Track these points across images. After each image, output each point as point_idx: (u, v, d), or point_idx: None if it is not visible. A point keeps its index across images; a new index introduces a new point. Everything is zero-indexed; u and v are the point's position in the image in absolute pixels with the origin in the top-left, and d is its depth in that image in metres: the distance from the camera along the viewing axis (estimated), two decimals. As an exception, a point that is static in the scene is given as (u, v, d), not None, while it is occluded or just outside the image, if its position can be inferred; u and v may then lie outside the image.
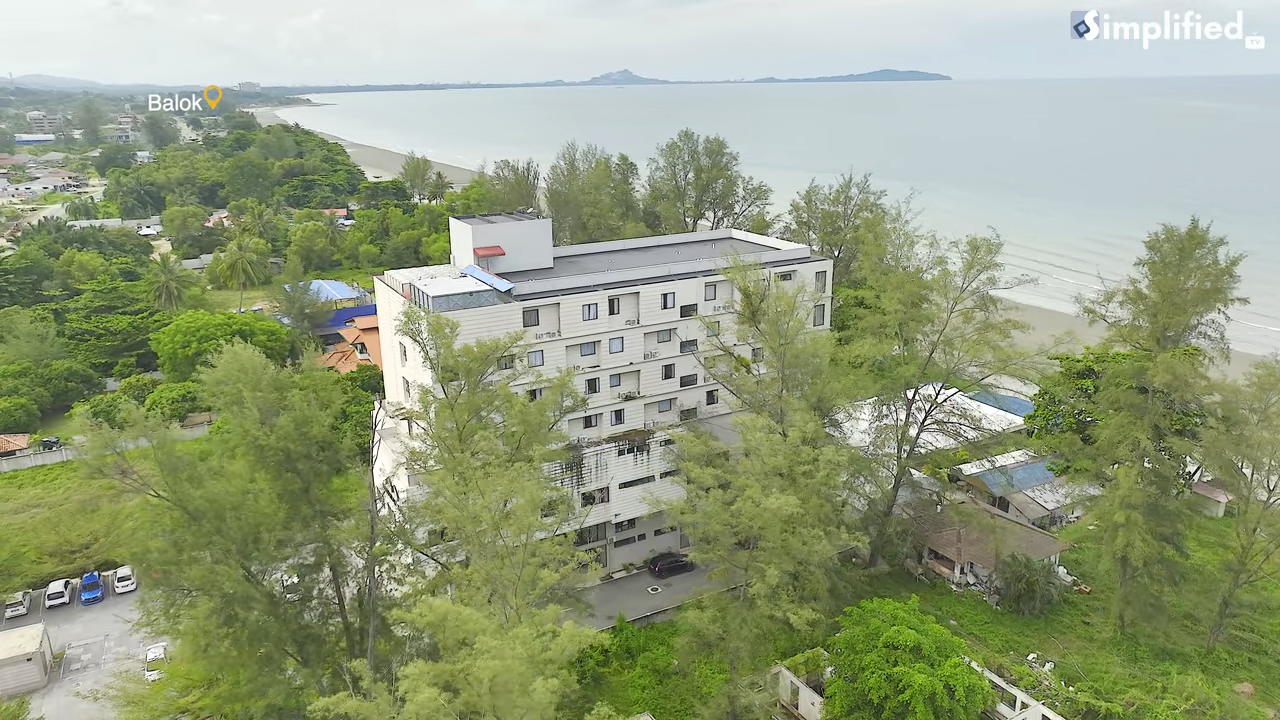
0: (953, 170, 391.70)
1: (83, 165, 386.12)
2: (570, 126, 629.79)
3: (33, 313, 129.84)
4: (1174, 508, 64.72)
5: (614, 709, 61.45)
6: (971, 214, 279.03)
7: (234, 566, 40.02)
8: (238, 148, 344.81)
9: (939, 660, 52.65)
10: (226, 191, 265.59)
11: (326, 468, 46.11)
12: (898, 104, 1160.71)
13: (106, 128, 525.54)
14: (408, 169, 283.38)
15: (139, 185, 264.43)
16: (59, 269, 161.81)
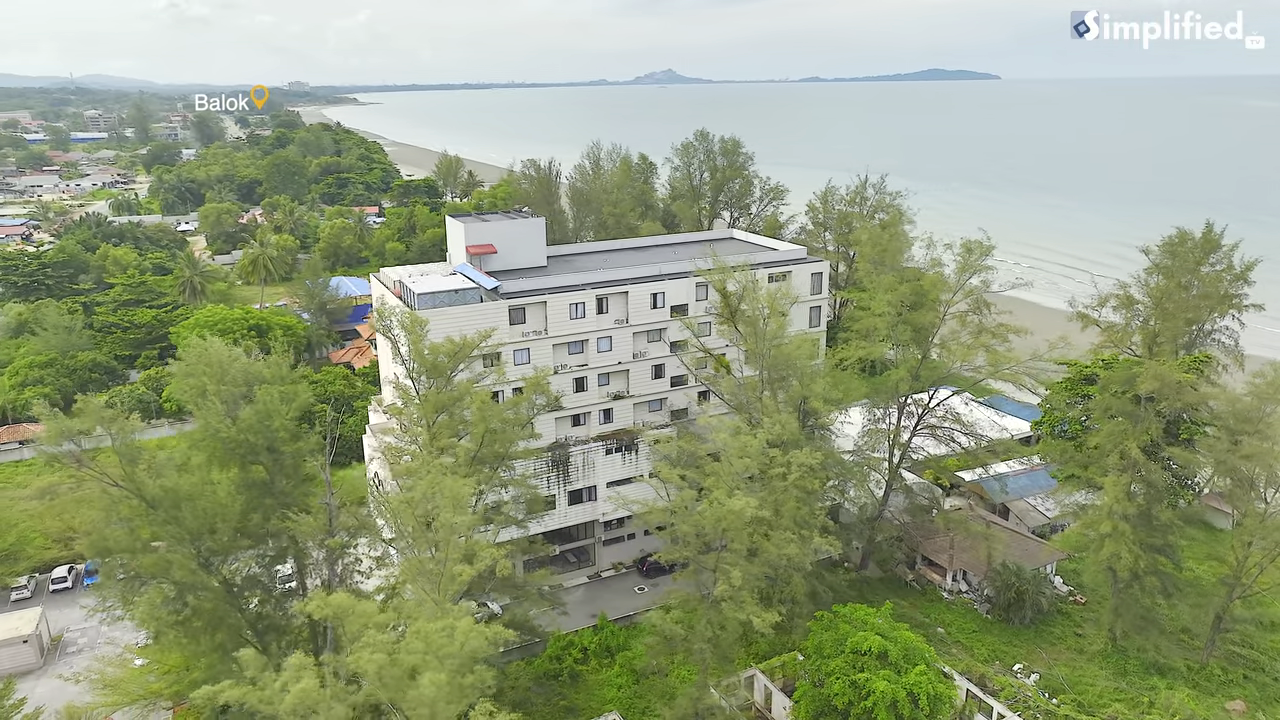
0: (986, 171, 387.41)
1: (131, 163, 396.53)
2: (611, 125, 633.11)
3: (63, 305, 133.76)
4: (1166, 519, 63.03)
5: (588, 706, 62.25)
6: (997, 215, 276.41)
7: (186, 555, 40.94)
8: (278, 146, 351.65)
9: (906, 667, 51.98)
10: (264, 189, 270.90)
11: (290, 461, 46.92)
12: (942, 104, 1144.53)
13: (156, 126, 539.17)
14: (440, 167, 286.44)
15: (180, 182, 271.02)
16: (94, 263, 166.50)
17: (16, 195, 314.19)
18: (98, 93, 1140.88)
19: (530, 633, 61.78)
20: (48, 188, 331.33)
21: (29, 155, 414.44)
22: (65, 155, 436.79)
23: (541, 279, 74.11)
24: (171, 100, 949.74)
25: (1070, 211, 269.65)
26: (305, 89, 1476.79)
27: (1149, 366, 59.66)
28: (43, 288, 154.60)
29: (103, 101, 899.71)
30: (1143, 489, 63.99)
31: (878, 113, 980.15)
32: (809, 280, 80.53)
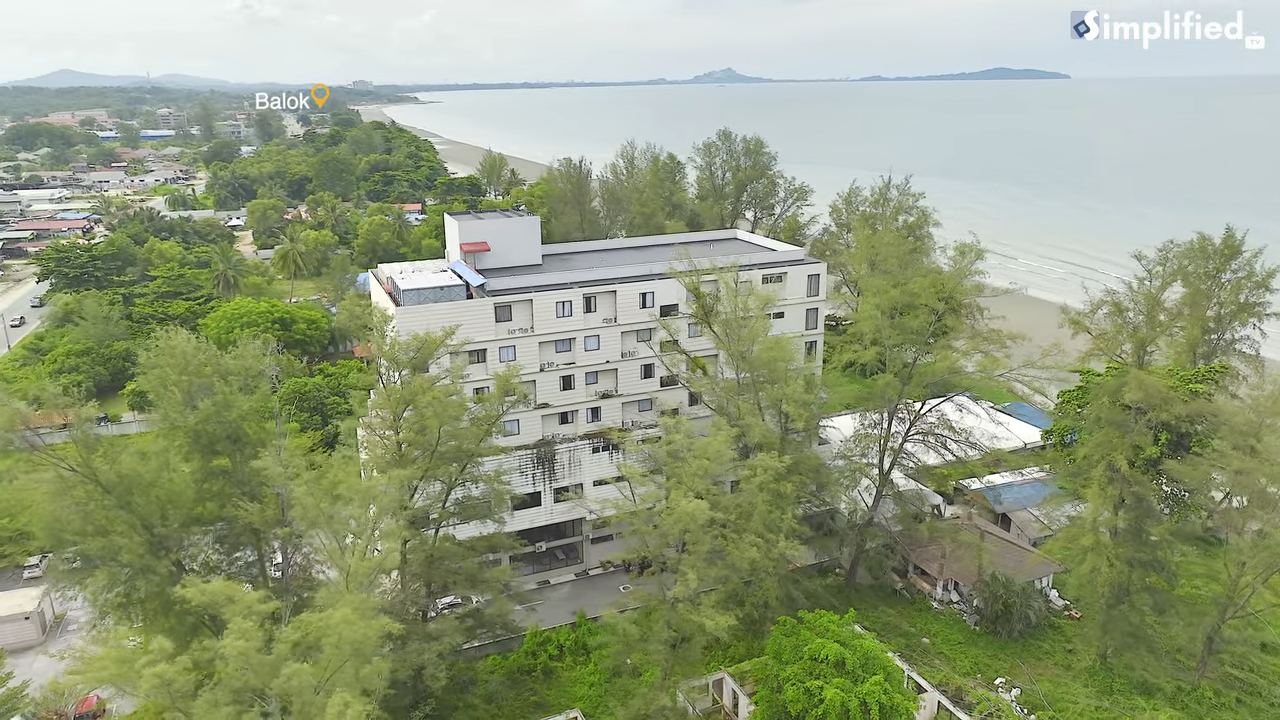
0: (1035, 171, 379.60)
1: (194, 159, 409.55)
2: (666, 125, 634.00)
3: (104, 296, 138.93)
4: (1157, 533, 60.90)
5: (557, 703, 62.52)
6: (1032, 216, 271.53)
7: (135, 540, 42.31)
8: (332, 143, 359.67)
9: (863, 676, 51.17)
10: (313, 185, 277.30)
11: (254, 451, 48.13)
12: (1003, 104, 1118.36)
13: (220, 124, 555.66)
14: (485, 165, 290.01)
15: (233, 178, 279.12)
16: (141, 256, 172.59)
17: (84, 190, 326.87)
18: (171, 92, 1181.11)
19: (504, 628, 62.31)
20: (114, 183, 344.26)
21: (100, 152, 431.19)
22: (134, 152, 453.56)
23: (534, 277, 74.71)
24: (239, 99, 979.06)
25: (1107, 215, 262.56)
26: (369, 88, 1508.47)
27: (1134, 375, 57.65)
28: (91, 279, 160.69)
29: (175, 100, 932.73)
30: (1134, 503, 61.97)
31: (935, 112, 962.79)
32: (805, 282, 79.70)
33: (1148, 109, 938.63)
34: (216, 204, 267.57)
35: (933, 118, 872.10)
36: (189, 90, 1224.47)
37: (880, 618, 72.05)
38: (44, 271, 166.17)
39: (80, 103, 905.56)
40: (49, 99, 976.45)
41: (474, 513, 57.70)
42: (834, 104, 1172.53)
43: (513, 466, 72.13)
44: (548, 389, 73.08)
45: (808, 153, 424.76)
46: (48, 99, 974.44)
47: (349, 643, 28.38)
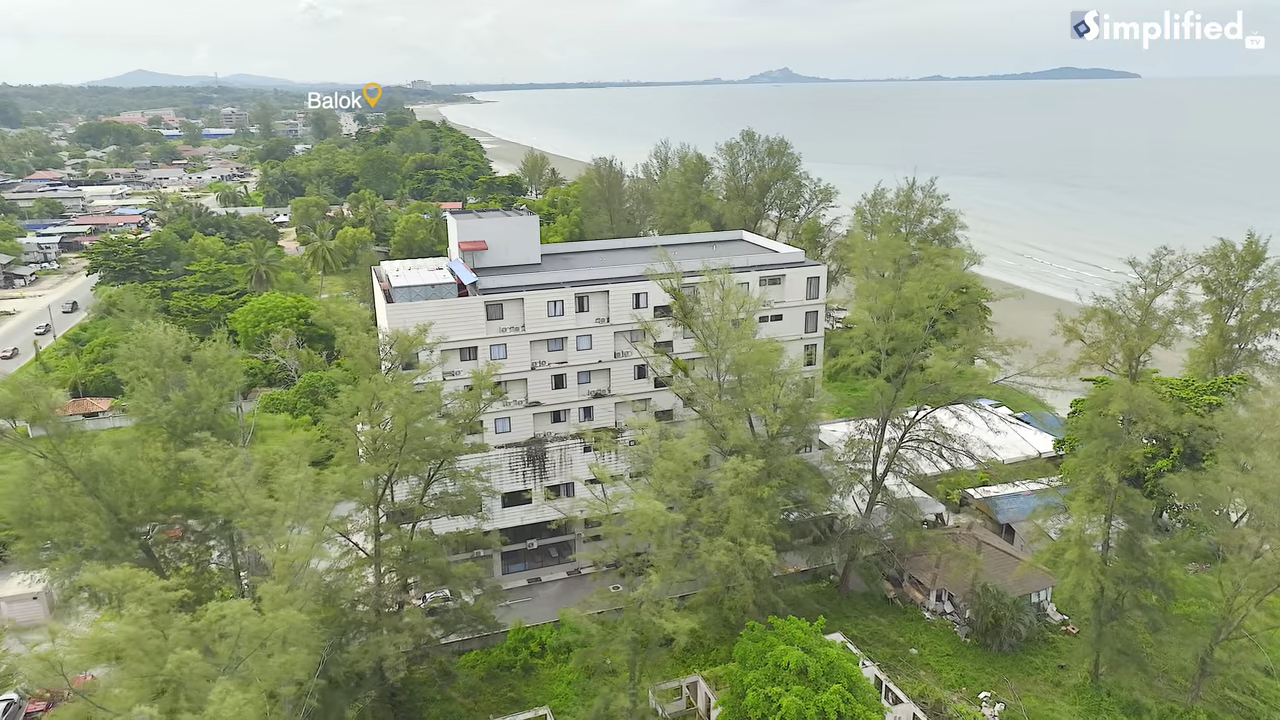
0: (1080, 172, 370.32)
1: (251, 157, 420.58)
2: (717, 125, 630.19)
3: (143, 289, 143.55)
4: (1149, 549, 58.95)
5: (534, 699, 62.88)
6: (1065, 217, 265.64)
7: (98, 525, 43.76)
8: (381, 142, 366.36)
9: (825, 685, 50.50)
10: (359, 183, 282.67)
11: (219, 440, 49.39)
12: (1067, 104, 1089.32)
13: (278, 123, 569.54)
14: (526, 164, 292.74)
15: (283, 176, 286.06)
16: (185, 251, 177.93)
17: (145, 186, 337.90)
18: (237, 91, 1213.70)
19: (474, 623, 62.89)
20: (172, 180, 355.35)
21: (163, 149, 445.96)
22: (195, 150, 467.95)
23: (530, 276, 75.24)
24: (300, 98, 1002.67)
25: (1149, 218, 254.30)
26: (427, 87, 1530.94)
27: (1120, 385, 55.84)
28: (137, 273, 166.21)
29: (239, 99, 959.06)
30: (1129, 517, 60.10)
31: (992, 113, 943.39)
32: (804, 285, 78.86)
33: (1220, 109, 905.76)
34: (265, 201, 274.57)
35: (990, 119, 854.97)
36: (254, 90, 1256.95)
37: (870, 626, 71.02)
38: (93, 265, 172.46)
39: (152, 102, 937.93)
40: (123, 98, 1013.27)
41: (451, 508, 58.40)
42: (890, 104, 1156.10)
43: (502, 464, 72.92)
44: (539, 388, 73.55)
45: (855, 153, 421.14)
46: (122, 99, 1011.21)
47: (252, 633, 29.03)
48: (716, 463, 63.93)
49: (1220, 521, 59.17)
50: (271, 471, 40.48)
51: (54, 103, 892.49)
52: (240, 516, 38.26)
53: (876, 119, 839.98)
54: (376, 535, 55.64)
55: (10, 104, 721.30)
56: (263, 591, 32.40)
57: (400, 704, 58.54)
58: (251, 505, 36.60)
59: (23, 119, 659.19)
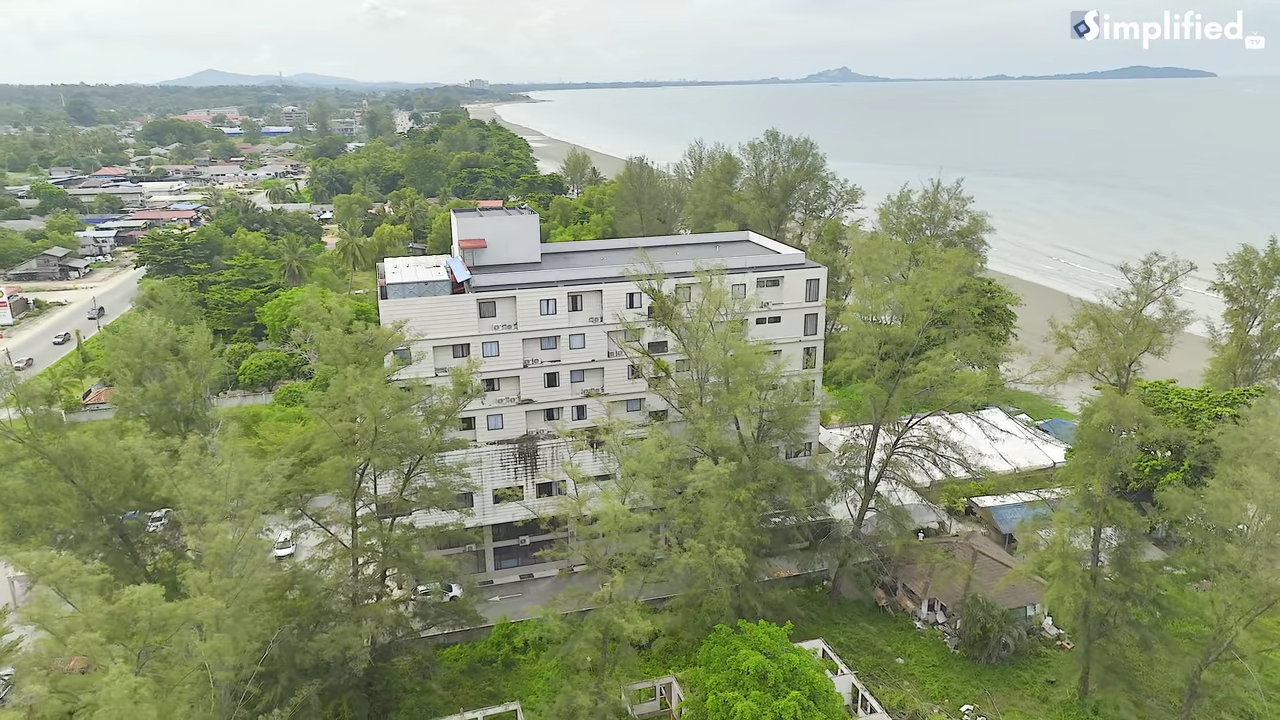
0: (1122, 174, 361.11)
1: (306, 155, 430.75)
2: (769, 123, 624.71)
3: (182, 281, 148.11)
4: (1137, 564, 57.05)
5: (511, 694, 63.39)
6: (1101, 220, 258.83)
7: (73, 510, 45.40)
8: (430, 141, 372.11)
9: (785, 690, 50.03)
10: (404, 181, 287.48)
11: (194, 430, 50.85)
12: (1134, 104, 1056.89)
13: (334, 121, 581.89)
14: (569, 163, 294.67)
15: (331, 173, 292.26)
16: (228, 246, 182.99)
17: (202, 183, 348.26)
18: (300, 90, 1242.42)
19: (464, 618, 63.74)
20: (228, 176, 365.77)
21: (222, 147, 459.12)
22: (254, 147, 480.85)
23: (527, 274, 75.77)
24: (359, 97, 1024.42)
25: (1194, 223, 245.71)
26: (484, 87, 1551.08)
27: (1105, 395, 54.15)
28: (180, 266, 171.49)
29: (301, 98, 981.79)
30: (1122, 531, 58.31)
31: (1053, 113, 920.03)
32: (803, 287, 78.04)
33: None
34: (313, 197, 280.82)
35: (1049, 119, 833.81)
36: (316, 89, 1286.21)
37: (858, 633, 70.05)
38: (140, 258, 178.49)
39: (218, 101, 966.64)
40: (191, 97, 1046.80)
41: (428, 502, 59.25)
42: (948, 104, 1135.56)
43: (493, 460, 73.67)
44: (532, 385, 74.07)
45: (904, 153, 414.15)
46: (190, 97, 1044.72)
47: (164, 619, 29.96)
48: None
49: (1214, 538, 56.91)
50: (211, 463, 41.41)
51: (127, 101, 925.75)
52: (176, 505, 39.33)
53: (932, 119, 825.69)
54: (354, 527, 56.77)
55: (85, 103, 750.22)
56: (189, 579, 33.36)
57: (376, 694, 59.48)
58: (184, 495, 37.65)
59: (96, 117, 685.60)
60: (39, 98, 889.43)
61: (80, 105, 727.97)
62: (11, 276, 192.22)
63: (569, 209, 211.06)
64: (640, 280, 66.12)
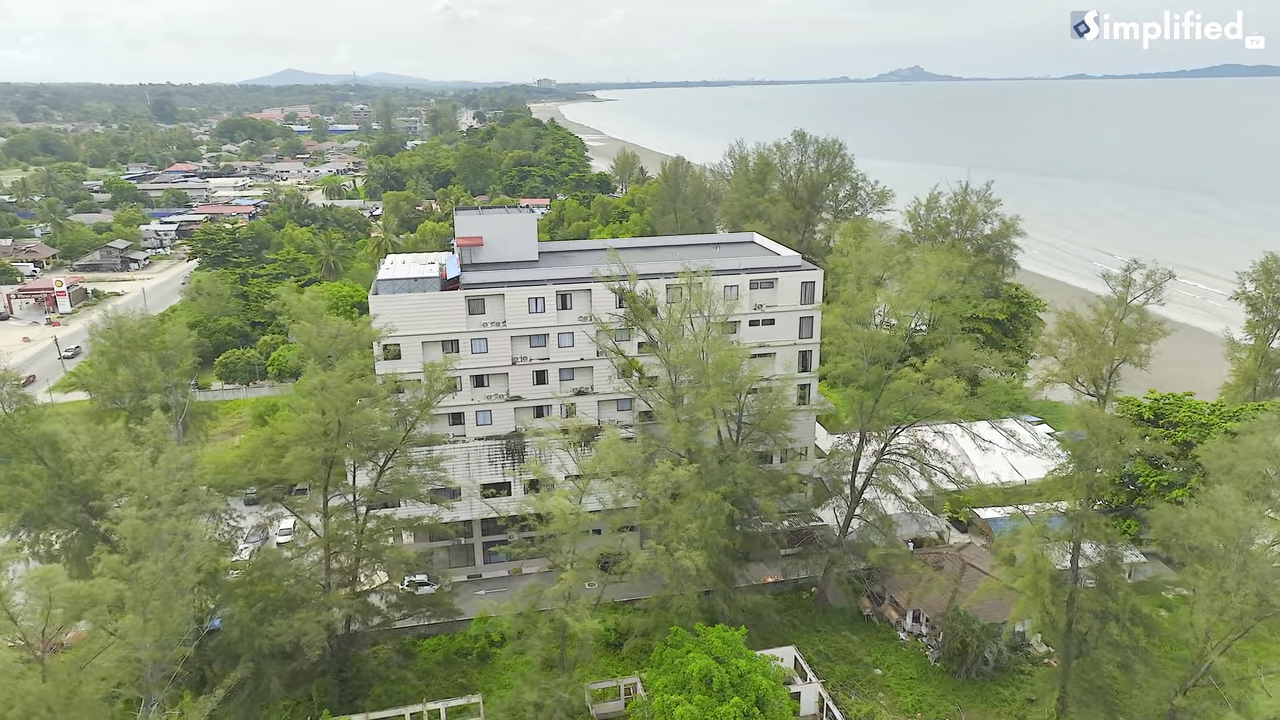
0: (1175, 176, 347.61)
1: (368, 152, 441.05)
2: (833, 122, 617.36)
3: (224, 274, 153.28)
4: (1114, 582, 55.00)
5: (484, 687, 64.13)
6: (1150, 223, 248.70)
7: (41, 491, 47.55)
8: (486, 139, 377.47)
9: (730, 695, 49.67)
10: (456, 179, 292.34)
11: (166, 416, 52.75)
12: (1218, 103, 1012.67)
13: (400, 119, 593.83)
14: (618, 162, 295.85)
15: (385, 171, 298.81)
16: (276, 240, 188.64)
17: (266, 179, 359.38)
18: (373, 89, 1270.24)
19: (441, 610, 64.82)
20: (292, 173, 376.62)
21: (290, 144, 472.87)
22: (320, 145, 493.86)
23: (522, 272, 76.44)
24: (428, 96, 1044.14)
25: (1244, 227, 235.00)
26: (551, 86, 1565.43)
27: (1077, 408, 52.33)
28: (229, 260, 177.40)
29: (373, 97, 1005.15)
30: (1102, 548, 56.37)
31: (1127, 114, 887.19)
32: (799, 289, 77.13)
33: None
34: (367, 194, 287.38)
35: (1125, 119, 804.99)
36: (388, 88, 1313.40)
37: (838, 642, 69.02)
38: (193, 251, 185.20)
39: (293, 99, 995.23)
40: (269, 96, 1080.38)
41: (401, 495, 60.49)
42: (1022, 104, 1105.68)
43: (481, 456, 74.64)
44: (520, 382, 74.76)
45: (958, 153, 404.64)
46: (268, 96, 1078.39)
47: (67, 599, 31.45)
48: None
49: (1190, 559, 54.53)
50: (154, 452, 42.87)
51: (208, 100, 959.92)
52: (98, 490, 40.95)
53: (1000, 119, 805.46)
54: (325, 517, 58.15)
55: (168, 101, 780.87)
56: (103, 561, 34.80)
57: (347, 680, 60.88)
58: (104, 481, 39.21)
59: (177, 115, 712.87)
60: (127, 97, 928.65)
61: (163, 104, 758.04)
62: (77, 267, 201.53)
63: (609, 208, 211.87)
64: (611, 281, 66.12)
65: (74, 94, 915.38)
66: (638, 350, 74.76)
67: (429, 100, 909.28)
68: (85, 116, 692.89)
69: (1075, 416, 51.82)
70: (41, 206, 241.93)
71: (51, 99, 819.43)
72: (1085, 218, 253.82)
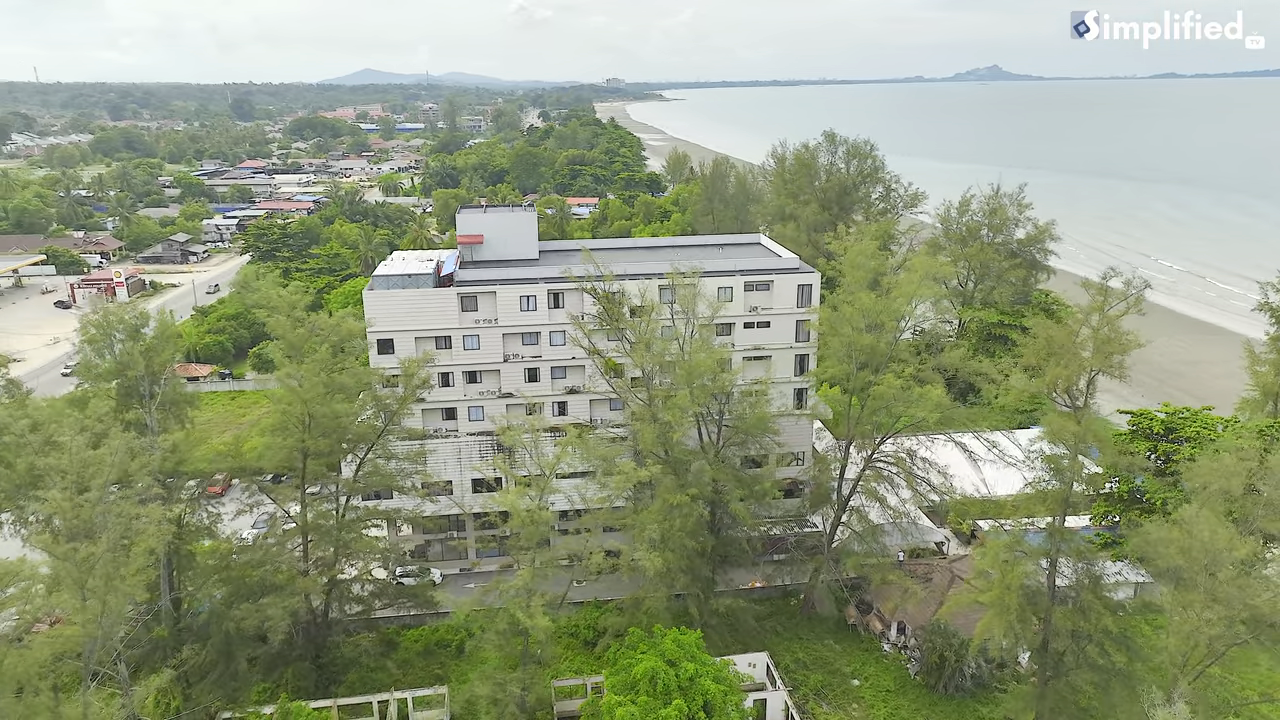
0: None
1: (430, 150, 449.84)
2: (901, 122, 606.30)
3: (267, 268, 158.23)
4: (1088, 602, 53.01)
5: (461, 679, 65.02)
6: (1202, 227, 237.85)
7: (20, 473, 49.90)
8: (543, 138, 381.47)
9: (675, 698, 49.43)
10: (509, 177, 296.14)
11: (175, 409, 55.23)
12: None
13: (464, 118, 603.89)
14: (670, 161, 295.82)
15: (441, 169, 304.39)
16: (325, 236, 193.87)
17: (330, 176, 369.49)
18: (445, 89, 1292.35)
19: (419, 602, 66.13)
20: (355, 170, 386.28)
21: (357, 142, 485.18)
22: (386, 143, 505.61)
23: (519, 270, 77.21)
24: (496, 95, 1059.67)
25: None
26: (620, 85, 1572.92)
27: (1048, 418, 50.62)
28: (276, 254, 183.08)
29: (443, 96, 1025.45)
30: (1078, 564, 54.46)
31: (1210, 114, 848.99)
32: (794, 292, 76.22)
33: None
34: (422, 191, 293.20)
35: (1202, 119, 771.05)
36: (460, 87, 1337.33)
37: (818, 650, 68.07)
38: (245, 245, 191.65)
39: (367, 98, 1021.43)
40: (344, 95, 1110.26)
41: (378, 486, 61.92)
42: (1101, 104, 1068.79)
43: (473, 451, 75.66)
44: (512, 380, 75.53)
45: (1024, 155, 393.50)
46: (342, 95, 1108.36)
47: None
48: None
49: (1164, 580, 52.28)
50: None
51: (286, 99, 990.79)
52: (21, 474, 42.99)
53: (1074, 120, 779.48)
54: (303, 505, 59.76)
55: (246, 100, 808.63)
56: (34, 540, 36.51)
57: (323, 666, 62.46)
58: (35, 466, 41.14)
59: (255, 114, 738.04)
60: (211, 96, 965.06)
61: (242, 102, 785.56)
62: (140, 259, 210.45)
63: (652, 207, 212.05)
64: (582, 282, 66.32)
65: (162, 93, 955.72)
66: (595, 347, 74.83)
67: (496, 99, 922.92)
68: (170, 115, 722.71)
69: (1046, 426, 50.12)
70: (111, 201, 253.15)
71: (141, 98, 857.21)
72: (1136, 220, 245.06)
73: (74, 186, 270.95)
